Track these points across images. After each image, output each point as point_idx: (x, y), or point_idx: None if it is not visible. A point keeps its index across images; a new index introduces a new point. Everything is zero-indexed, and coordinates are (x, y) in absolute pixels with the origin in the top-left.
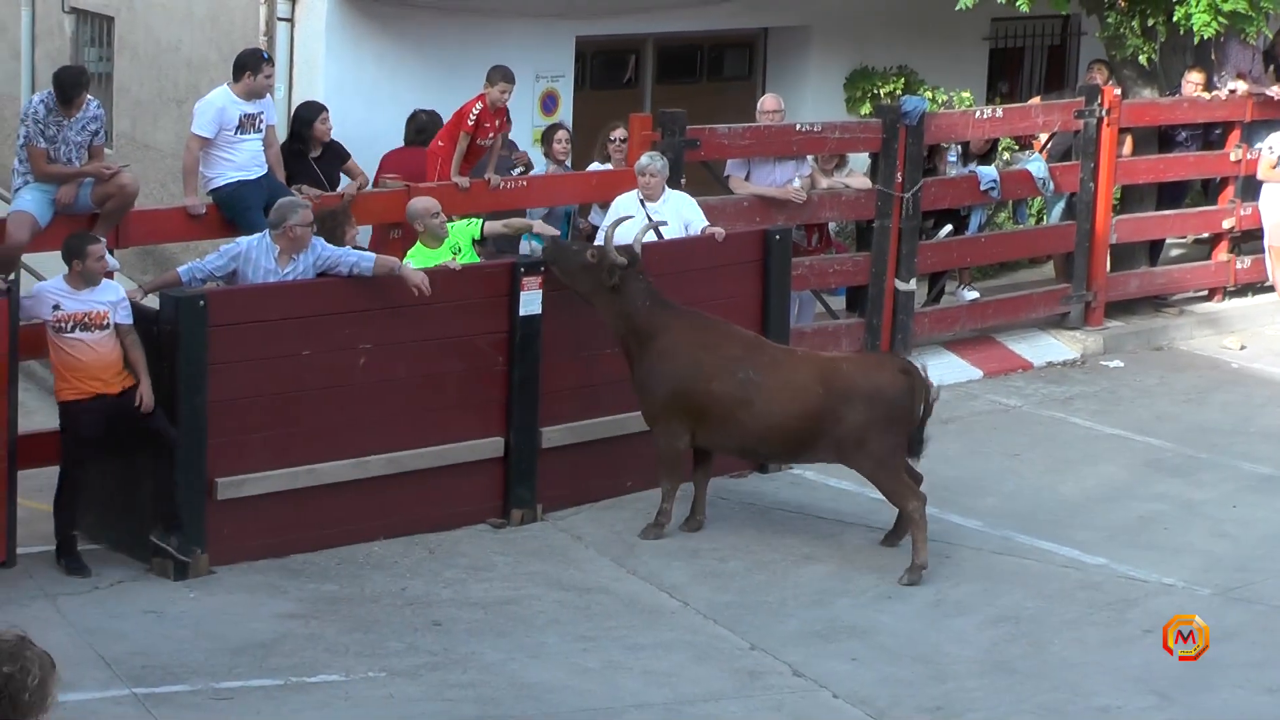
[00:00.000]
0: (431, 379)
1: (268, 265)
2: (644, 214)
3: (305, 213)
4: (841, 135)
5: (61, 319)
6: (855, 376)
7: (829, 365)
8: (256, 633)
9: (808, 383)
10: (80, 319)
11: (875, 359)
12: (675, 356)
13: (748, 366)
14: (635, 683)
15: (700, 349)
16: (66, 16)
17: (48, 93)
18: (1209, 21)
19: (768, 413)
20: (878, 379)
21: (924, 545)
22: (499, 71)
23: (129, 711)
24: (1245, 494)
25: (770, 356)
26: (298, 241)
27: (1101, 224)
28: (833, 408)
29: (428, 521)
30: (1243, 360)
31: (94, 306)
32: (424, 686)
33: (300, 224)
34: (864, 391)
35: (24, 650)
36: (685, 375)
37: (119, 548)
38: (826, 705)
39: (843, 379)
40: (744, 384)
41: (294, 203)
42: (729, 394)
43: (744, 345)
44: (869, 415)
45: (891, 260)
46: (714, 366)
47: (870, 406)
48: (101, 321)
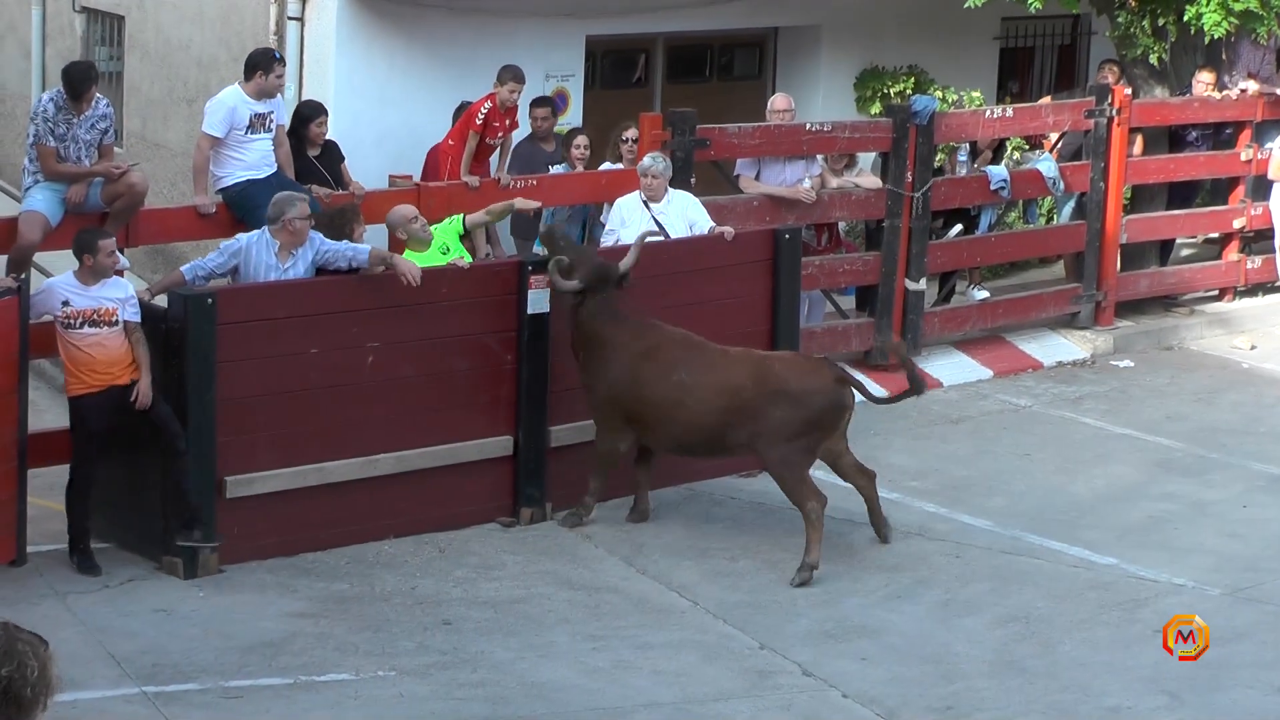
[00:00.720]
0: (440, 378)
1: (268, 260)
2: (648, 215)
3: (303, 206)
4: (851, 135)
5: (71, 315)
6: (787, 376)
7: (762, 364)
8: (266, 631)
9: (740, 381)
10: (90, 315)
11: (811, 363)
12: (617, 363)
13: (683, 369)
14: (645, 682)
15: (639, 357)
16: (77, 16)
17: (57, 91)
18: (1220, 21)
19: (699, 412)
20: (809, 382)
21: (817, 546)
22: (509, 71)
23: (139, 710)
24: (1255, 494)
25: (706, 359)
26: (297, 235)
27: (1112, 224)
28: (760, 404)
29: (437, 520)
30: (1253, 360)
31: (103, 303)
32: (434, 685)
33: (298, 217)
34: (793, 392)
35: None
36: (625, 381)
37: (129, 546)
38: (836, 705)
39: (774, 378)
40: (678, 385)
41: (291, 197)
42: (664, 397)
43: (682, 348)
44: (791, 414)
45: (902, 260)
46: (650, 373)
47: (795, 406)
48: (111, 318)
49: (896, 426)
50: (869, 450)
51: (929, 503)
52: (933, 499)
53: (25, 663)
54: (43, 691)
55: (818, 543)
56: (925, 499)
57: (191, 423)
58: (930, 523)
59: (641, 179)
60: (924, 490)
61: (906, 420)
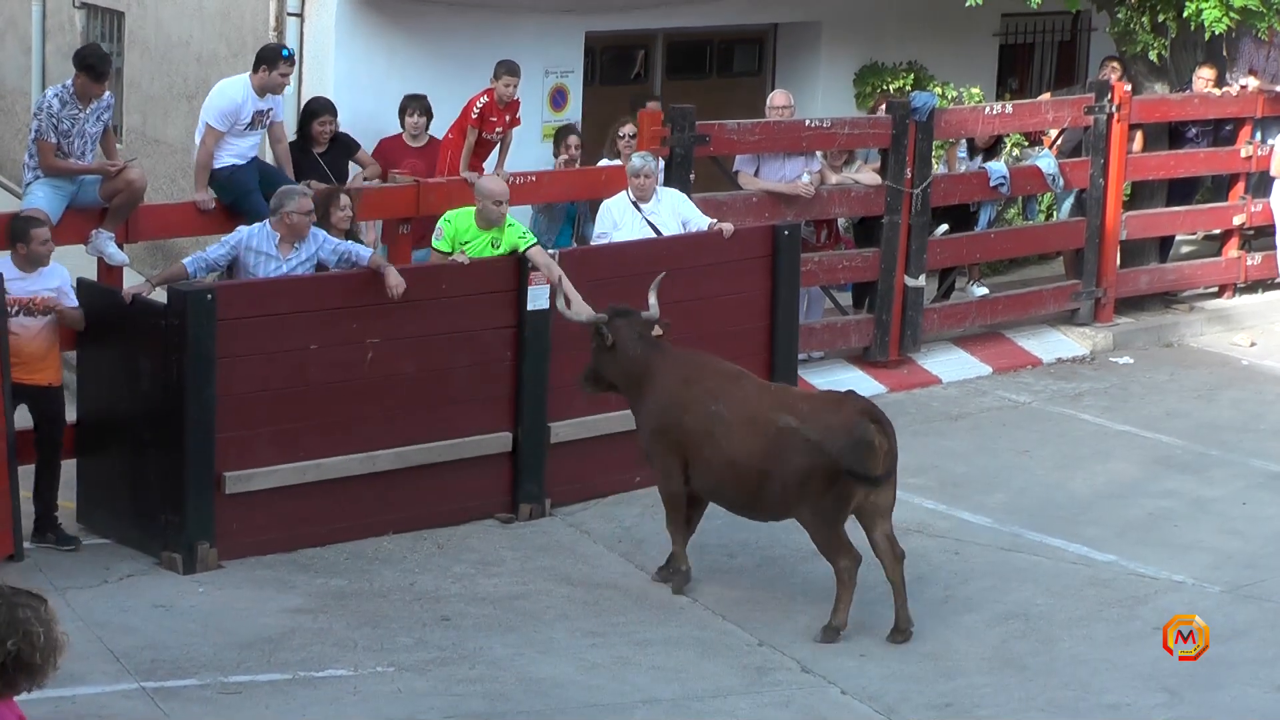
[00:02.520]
0: (439, 373)
1: (269, 251)
2: (639, 217)
3: (303, 200)
4: (851, 131)
5: (10, 302)
6: (808, 416)
7: (788, 402)
8: (265, 627)
9: (766, 418)
10: (25, 304)
11: (835, 399)
12: (660, 394)
13: (720, 400)
14: (644, 678)
15: (681, 383)
16: (77, 11)
17: (62, 87)
18: (1220, 18)
19: (728, 448)
20: (831, 420)
21: (845, 608)
22: (503, 65)
23: (138, 705)
24: (1255, 491)
25: (742, 391)
26: (295, 229)
27: (1111, 220)
28: (781, 448)
29: (436, 516)
30: (1253, 357)
31: (39, 291)
32: (432, 681)
33: (297, 211)
34: (814, 433)
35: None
36: (665, 409)
37: (128, 542)
38: (835, 701)
39: (797, 417)
40: (712, 417)
41: (292, 190)
42: (699, 428)
43: (722, 378)
44: (814, 460)
45: (901, 256)
46: (690, 400)
47: (817, 451)
48: (43, 307)
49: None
50: None
51: (928, 499)
52: (932, 496)
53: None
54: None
55: (847, 604)
56: (924, 496)
57: (190, 418)
58: (929, 519)
59: (632, 180)
60: (923, 487)
61: (906, 417)
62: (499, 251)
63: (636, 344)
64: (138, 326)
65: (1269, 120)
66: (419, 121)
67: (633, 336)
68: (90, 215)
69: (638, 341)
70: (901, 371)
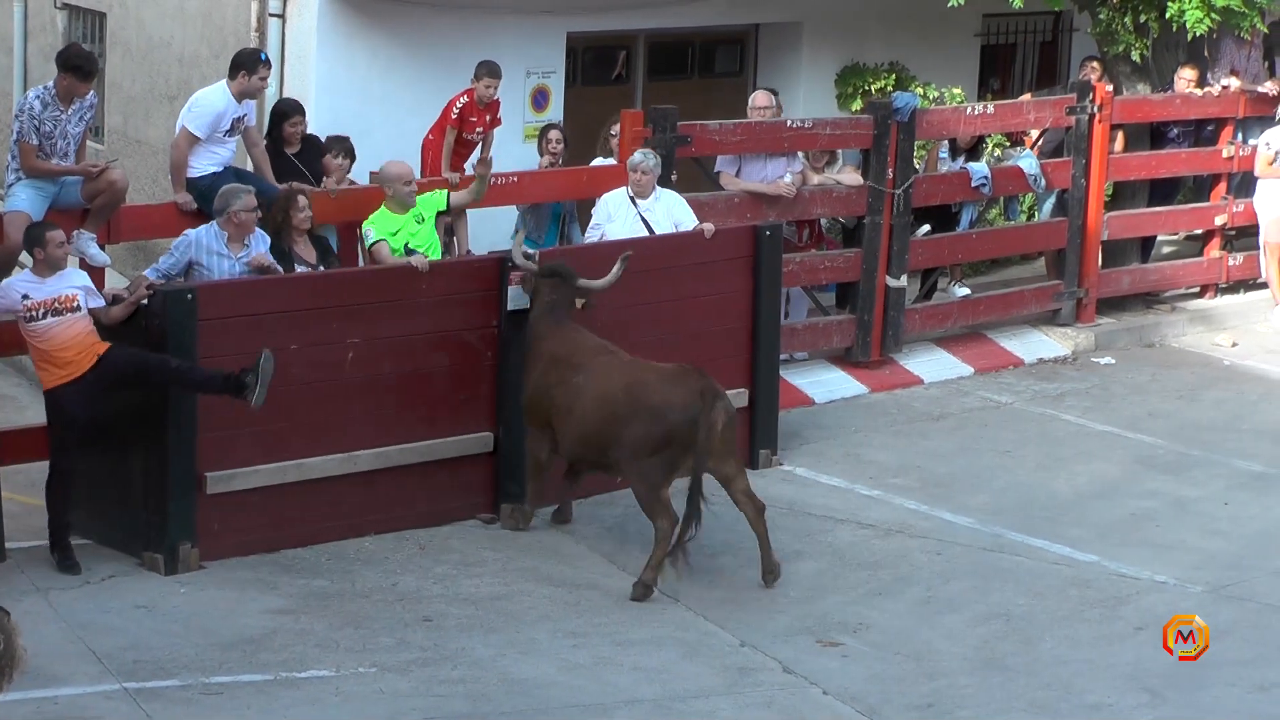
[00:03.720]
0: (420, 374)
1: (220, 250)
2: (634, 212)
3: (248, 199)
4: (833, 132)
5: (32, 307)
6: (651, 388)
7: (639, 375)
8: (247, 628)
9: (615, 391)
10: (50, 305)
11: (678, 374)
12: (538, 363)
13: (582, 372)
14: (625, 679)
15: (555, 359)
16: (59, 12)
17: (43, 89)
18: (1202, 18)
19: (581, 419)
20: (669, 393)
21: (657, 565)
22: (484, 66)
23: (120, 706)
24: (1237, 491)
25: (603, 365)
26: (243, 227)
27: (1093, 220)
28: (624, 417)
29: (418, 517)
30: (1235, 357)
31: (61, 292)
32: (414, 682)
33: (243, 209)
34: (652, 404)
35: None
36: (538, 381)
37: (110, 543)
38: (817, 702)
39: (641, 389)
40: (574, 389)
41: (236, 189)
42: (563, 399)
43: (589, 353)
44: (647, 429)
45: (883, 257)
46: (558, 374)
47: (652, 420)
48: (72, 304)
49: (878, 423)
50: (849, 447)
51: (910, 500)
52: (914, 496)
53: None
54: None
55: (660, 562)
56: (906, 496)
57: (172, 419)
58: (911, 520)
59: (630, 174)
60: (905, 487)
61: (887, 417)
62: (427, 223)
63: (544, 307)
64: (119, 327)
65: (1250, 120)
66: (343, 164)
67: (545, 299)
68: (72, 216)
69: (546, 305)
70: (883, 372)
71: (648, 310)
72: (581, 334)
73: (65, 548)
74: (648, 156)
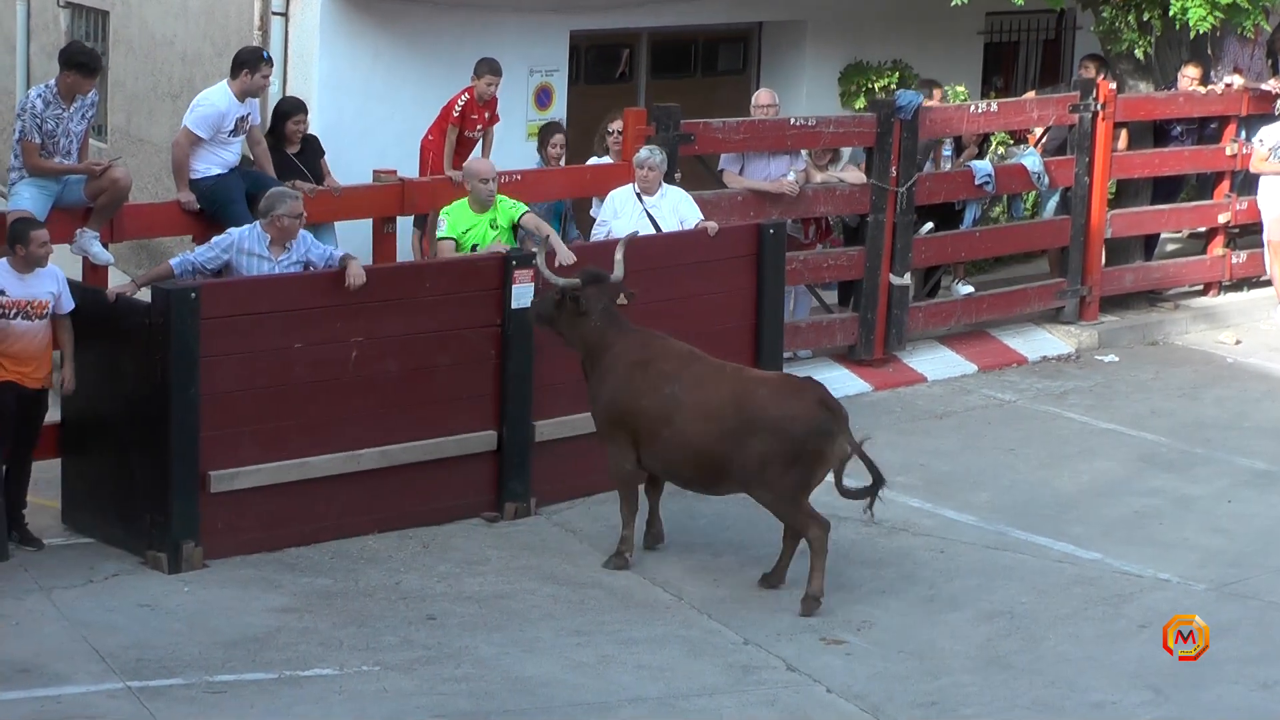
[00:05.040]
0: (423, 372)
1: (261, 253)
2: (641, 208)
3: (294, 204)
4: (836, 129)
5: (6, 305)
6: (767, 402)
7: (746, 386)
8: (250, 626)
9: (723, 403)
10: (23, 306)
11: (794, 385)
12: (614, 373)
13: (676, 382)
14: (629, 677)
15: (636, 366)
16: (62, 11)
17: (45, 87)
18: (1205, 16)
19: (685, 431)
20: (790, 407)
21: (820, 575)
22: (485, 64)
23: (123, 705)
24: (1240, 489)
25: (696, 373)
26: (286, 231)
27: (1096, 218)
28: (740, 432)
29: (421, 515)
30: (1238, 355)
31: (37, 295)
32: (418, 680)
33: (288, 214)
34: (772, 419)
35: None
36: (620, 391)
37: (113, 542)
38: (820, 700)
39: (755, 402)
40: (669, 399)
41: (283, 193)
42: (655, 410)
43: (678, 360)
44: (772, 445)
45: (886, 254)
46: (645, 382)
47: (775, 436)
48: (42, 311)
49: (882, 422)
50: None
51: (914, 498)
52: (917, 494)
53: None
54: None
55: (821, 572)
56: (910, 494)
57: (174, 417)
58: (915, 518)
59: (637, 170)
60: (908, 485)
61: (891, 415)
62: (500, 231)
63: (601, 316)
64: (122, 326)
65: (1254, 118)
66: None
67: (599, 308)
68: (75, 214)
69: (602, 313)
70: (887, 370)
71: (651, 308)
72: (664, 339)
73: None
74: (654, 153)
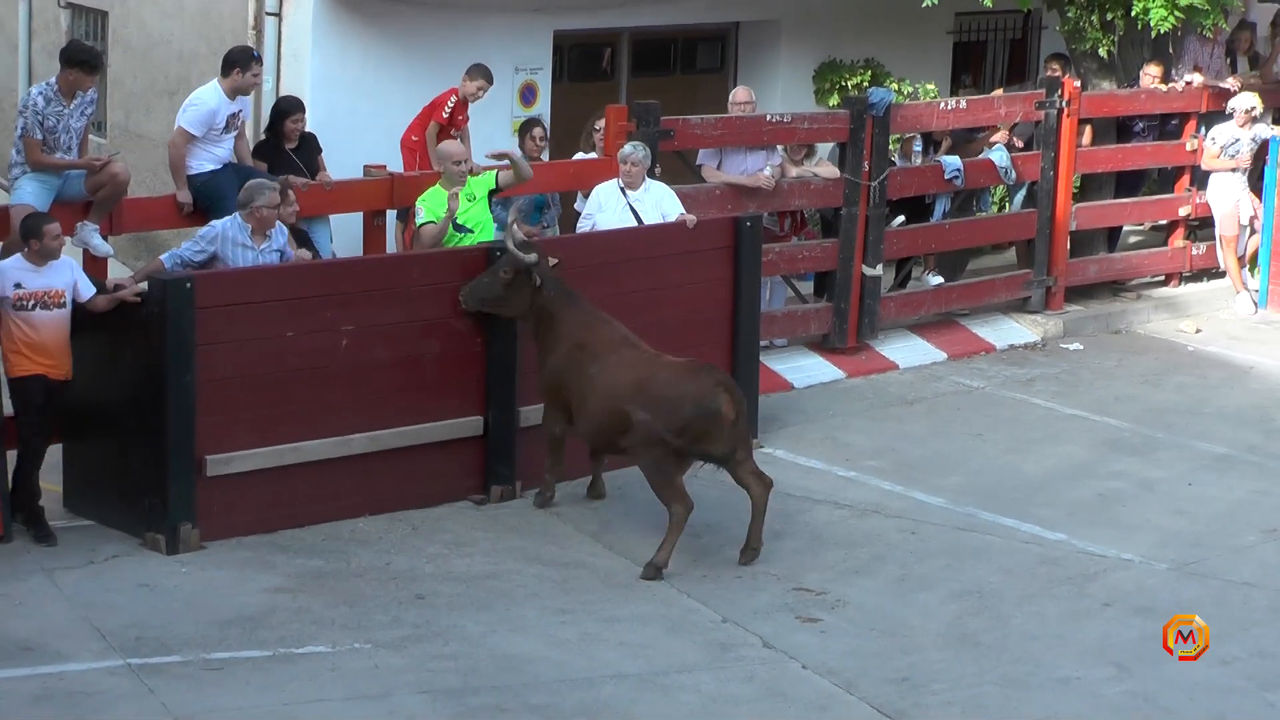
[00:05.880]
0: (412, 360)
1: (244, 241)
2: (624, 202)
3: (272, 195)
4: (810, 126)
5: (24, 296)
6: (666, 379)
7: (654, 369)
8: (246, 606)
9: (626, 383)
10: (40, 297)
11: (694, 369)
12: (558, 350)
13: (600, 363)
14: (611, 654)
15: (575, 346)
16: (62, 11)
17: (46, 84)
18: (1166, 16)
19: (594, 411)
20: (684, 387)
21: (668, 549)
22: (479, 69)
23: (123, 682)
24: (1200, 473)
25: (620, 357)
26: (265, 221)
27: (1062, 211)
28: (634, 408)
29: (411, 498)
30: (1198, 343)
31: (53, 285)
32: (408, 658)
33: (266, 205)
34: (665, 396)
35: None
36: (560, 367)
37: (112, 524)
38: (796, 676)
39: (656, 380)
40: (590, 378)
41: (261, 184)
42: (579, 387)
43: (608, 345)
44: (660, 419)
45: (859, 246)
46: (578, 361)
47: (666, 411)
48: (59, 300)
49: (854, 408)
50: (827, 430)
51: (885, 481)
52: (889, 477)
53: None
54: None
55: (671, 545)
56: (882, 477)
57: (171, 404)
58: (886, 500)
59: (621, 165)
60: (880, 469)
61: (864, 401)
62: (478, 202)
63: (553, 286)
64: (120, 315)
65: (1213, 115)
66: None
67: (548, 276)
68: (76, 208)
69: (553, 283)
70: (860, 358)
71: (631, 299)
72: (607, 323)
73: (40, 523)
74: (637, 148)
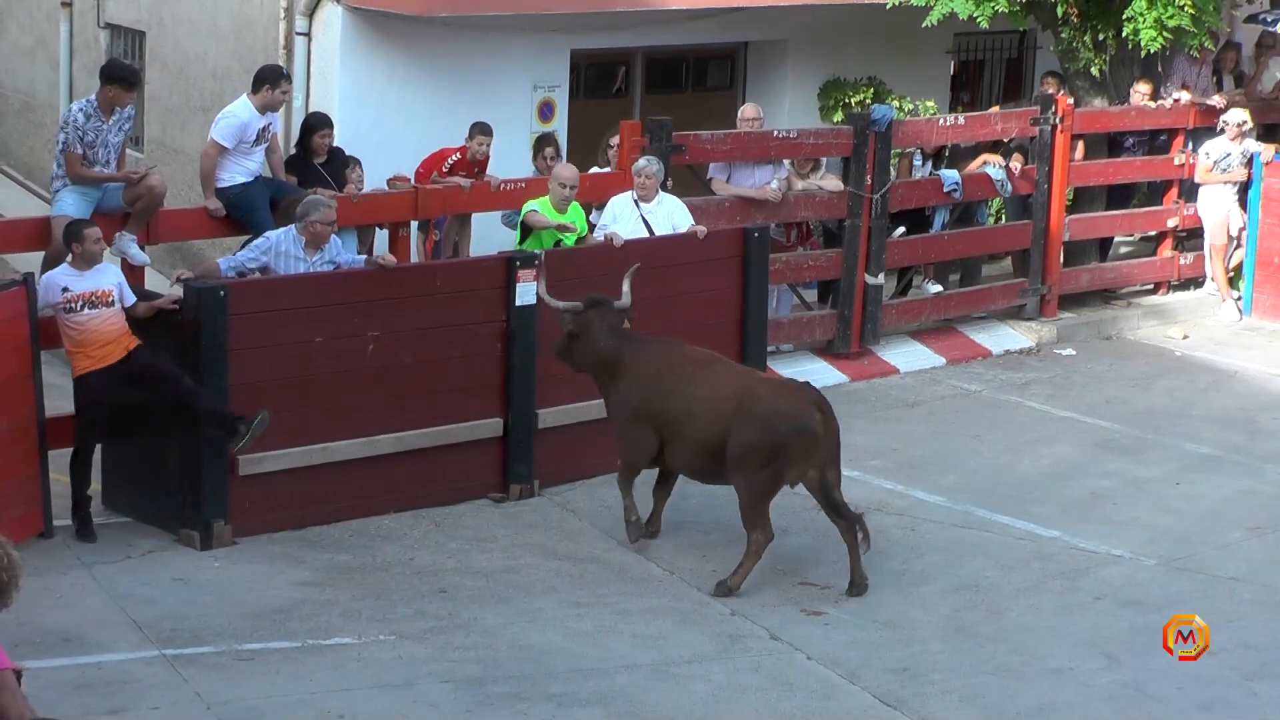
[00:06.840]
0: (435, 364)
1: (296, 254)
2: (637, 214)
3: (328, 212)
4: (816, 141)
5: (72, 299)
6: (763, 398)
7: (748, 385)
8: (276, 599)
9: (726, 399)
10: (88, 297)
11: (792, 386)
12: (641, 379)
13: (696, 383)
14: (625, 645)
15: (662, 370)
16: (102, 31)
17: (87, 101)
18: (1155, 37)
19: (698, 427)
20: (781, 404)
21: (744, 574)
22: (477, 126)
23: (158, 671)
24: (1188, 472)
25: (713, 374)
26: (319, 236)
27: (1056, 223)
28: (735, 425)
29: (433, 496)
30: (1185, 349)
31: (99, 285)
32: (430, 648)
33: (321, 221)
34: (763, 413)
35: None
36: (649, 393)
37: (149, 520)
38: (801, 666)
39: (752, 398)
40: (689, 399)
41: (319, 201)
42: (679, 409)
43: (697, 364)
44: (758, 437)
45: (862, 256)
46: (672, 383)
47: (763, 429)
48: (107, 299)
49: (857, 410)
50: None
51: (887, 480)
52: (890, 476)
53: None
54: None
55: (747, 573)
56: (883, 476)
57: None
58: (888, 498)
59: (635, 178)
60: (882, 468)
61: (866, 404)
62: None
63: (606, 337)
64: (157, 321)
65: (1200, 131)
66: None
67: (603, 330)
68: (114, 219)
69: (608, 334)
70: (862, 362)
71: (644, 306)
72: (686, 346)
73: (85, 519)
74: (651, 162)
